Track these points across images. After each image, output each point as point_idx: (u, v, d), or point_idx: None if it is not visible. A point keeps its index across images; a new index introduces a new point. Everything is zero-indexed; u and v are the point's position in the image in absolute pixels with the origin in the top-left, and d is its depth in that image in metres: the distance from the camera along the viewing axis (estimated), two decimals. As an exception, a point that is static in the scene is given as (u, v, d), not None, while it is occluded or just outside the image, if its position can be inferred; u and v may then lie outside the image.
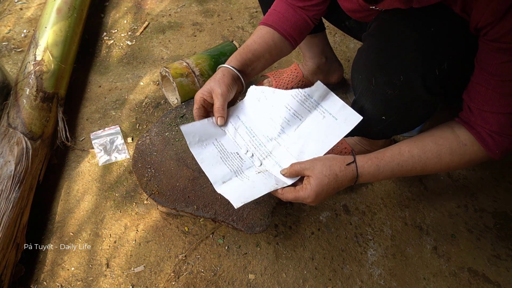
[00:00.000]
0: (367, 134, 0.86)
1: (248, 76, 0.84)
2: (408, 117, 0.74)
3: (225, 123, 0.81)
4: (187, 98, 1.13)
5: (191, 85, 1.12)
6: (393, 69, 0.63)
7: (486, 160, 0.65)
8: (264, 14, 1.10)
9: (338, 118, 0.74)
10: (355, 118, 0.72)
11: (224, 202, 0.87)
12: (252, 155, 0.80)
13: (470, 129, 0.64)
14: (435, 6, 0.59)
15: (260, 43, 0.83)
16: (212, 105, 0.80)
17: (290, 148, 0.78)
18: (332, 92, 0.76)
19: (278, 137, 0.80)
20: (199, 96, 0.78)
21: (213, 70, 1.16)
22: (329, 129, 0.74)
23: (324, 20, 1.11)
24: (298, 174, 0.69)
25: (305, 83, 1.21)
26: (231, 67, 0.79)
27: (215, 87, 0.77)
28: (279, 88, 1.20)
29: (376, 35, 0.66)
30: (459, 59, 0.61)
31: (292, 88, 1.20)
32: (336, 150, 1.04)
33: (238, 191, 0.72)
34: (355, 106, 0.80)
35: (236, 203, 0.68)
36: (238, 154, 0.81)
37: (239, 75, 0.80)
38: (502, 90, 0.57)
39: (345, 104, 0.74)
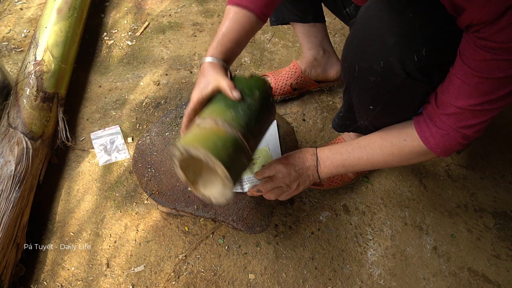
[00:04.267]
0: (361, 129, 0.86)
1: (229, 65, 0.82)
2: (395, 106, 0.73)
3: None
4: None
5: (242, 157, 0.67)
6: (373, 55, 0.64)
7: (430, 156, 0.70)
8: None
9: None
10: (273, 122, 0.94)
11: (224, 202, 0.87)
12: None
13: (416, 125, 0.69)
14: None
15: (239, 30, 0.79)
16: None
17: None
18: None
19: None
20: (200, 96, 0.73)
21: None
22: (266, 138, 0.92)
23: (324, 18, 1.11)
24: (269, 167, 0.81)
25: (303, 79, 1.21)
26: (220, 61, 0.76)
27: (220, 81, 0.72)
28: (278, 84, 1.20)
29: (359, 22, 0.67)
30: (441, 48, 0.61)
31: (291, 84, 1.20)
32: None
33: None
34: (345, 96, 0.83)
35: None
36: None
37: (227, 67, 0.78)
38: (479, 86, 0.57)
39: None
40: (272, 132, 1.03)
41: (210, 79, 0.73)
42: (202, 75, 0.76)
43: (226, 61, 0.78)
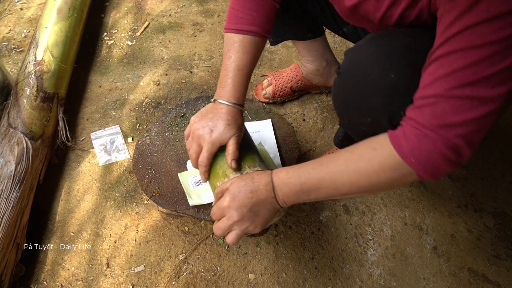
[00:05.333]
0: None
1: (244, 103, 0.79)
2: None
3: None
4: None
5: None
6: (360, 112, 0.64)
7: (407, 174, 0.52)
8: None
9: (260, 130, 1.01)
10: (268, 122, 1.03)
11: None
12: None
13: (389, 131, 0.55)
14: (414, 38, 0.57)
15: (249, 60, 0.75)
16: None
17: None
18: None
19: None
20: (217, 146, 0.71)
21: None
22: (263, 140, 0.99)
23: (324, 30, 1.10)
24: (222, 191, 0.67)
25: (304, 83, 1.21)
26: (239, 107, 0.73)
27: (230, 147, 0.71)
28: (278, 86, 1.20)
29: (344, 74, 0.66)
30: None
31: (291, 87, 1.20)
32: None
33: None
34: (341, 130, 0.85)
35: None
36: None
37: (243, 110, 0.76)
38: (453, 64, 0.46)
39: (253, 121, 1.03)
40: (267, 132, 1.02)
41: (230, 133, 0.71)
42: (223, 120, 0.71)
43: (241, 103, 0.75)
